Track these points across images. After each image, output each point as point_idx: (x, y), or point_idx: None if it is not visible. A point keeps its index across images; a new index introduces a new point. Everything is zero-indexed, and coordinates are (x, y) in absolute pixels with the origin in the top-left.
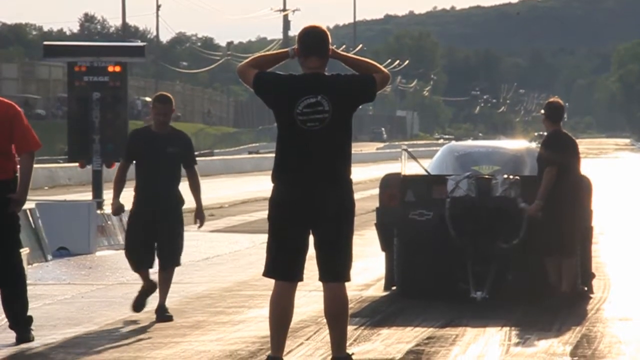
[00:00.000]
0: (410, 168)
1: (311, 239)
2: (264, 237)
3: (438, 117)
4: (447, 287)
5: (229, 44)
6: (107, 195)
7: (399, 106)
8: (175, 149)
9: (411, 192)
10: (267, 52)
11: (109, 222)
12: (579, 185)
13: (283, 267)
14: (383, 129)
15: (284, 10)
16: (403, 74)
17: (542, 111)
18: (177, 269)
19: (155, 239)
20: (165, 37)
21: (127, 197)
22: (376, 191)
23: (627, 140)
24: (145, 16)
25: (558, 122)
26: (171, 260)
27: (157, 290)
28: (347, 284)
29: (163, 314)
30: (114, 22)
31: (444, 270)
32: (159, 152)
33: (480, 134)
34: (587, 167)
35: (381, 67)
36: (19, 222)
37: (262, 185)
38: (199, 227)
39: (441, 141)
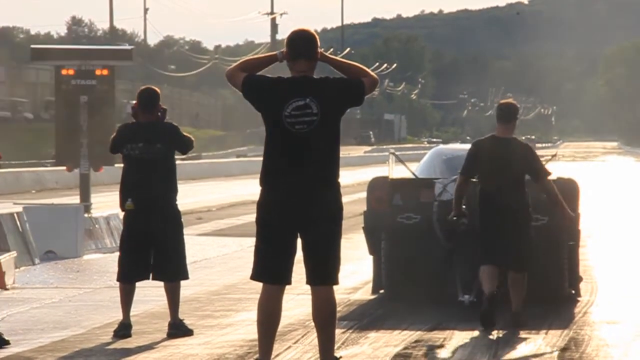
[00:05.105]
0: (398, 171)
1: (299, 242)
2: (252, 241)
3: (426, 121)
4: (434, 291)
5: (217, 47)
6: (95, 198)
7: (387, 109)
8: None
9: (399, 195)
10: (256, 56)
11: (96, 226)
12: None
13: (271, 271)
14: (371, 132)
15: (272, 13)
16: (391, 78)
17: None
18: None
19: None
20: (153, 40)
21: (115, 200)
22: (364, 194)
23: (615, 144)
24: (133, 19)
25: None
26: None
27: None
28: (335, 287)
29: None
30: (102, 25)
31: (431, 273)
32: None
33: (468, 138)
34: (574, 170)
35: (369, 70)
36: None
37: (250, 188)
38: None
39: (425, 144)
